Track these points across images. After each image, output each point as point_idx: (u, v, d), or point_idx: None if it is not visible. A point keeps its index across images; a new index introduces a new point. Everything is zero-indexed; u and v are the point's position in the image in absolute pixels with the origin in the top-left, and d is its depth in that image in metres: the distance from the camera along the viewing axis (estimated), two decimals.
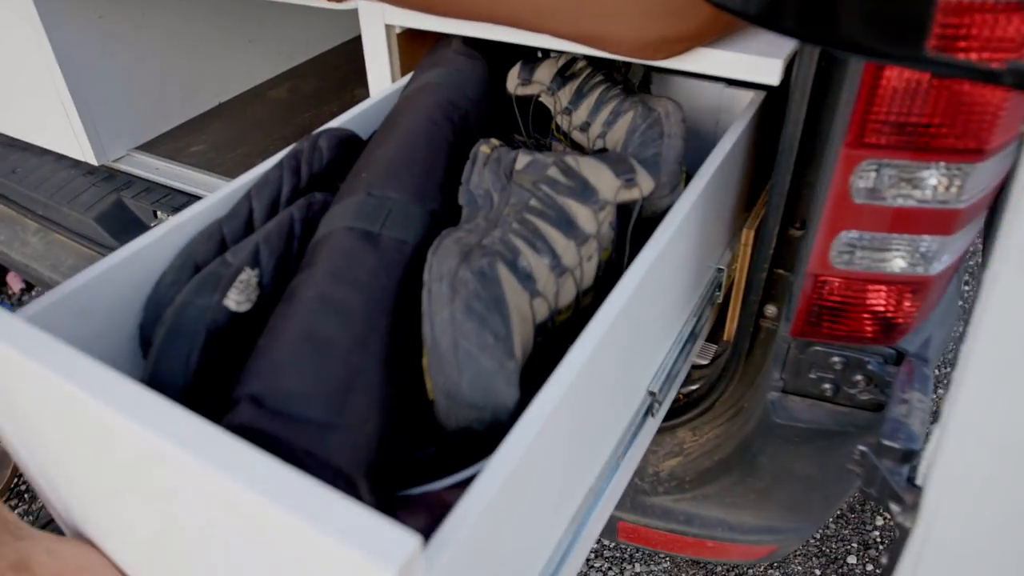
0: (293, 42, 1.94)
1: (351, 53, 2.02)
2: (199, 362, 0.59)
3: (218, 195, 0.72)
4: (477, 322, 0.52)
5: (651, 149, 0.74)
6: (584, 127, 0.83)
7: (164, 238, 0.67)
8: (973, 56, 0.48)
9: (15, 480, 1.57)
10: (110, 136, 1.53)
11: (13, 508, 1.53)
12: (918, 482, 0.65)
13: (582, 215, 0.64)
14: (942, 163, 0.67)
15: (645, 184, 0.67)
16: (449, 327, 0.52)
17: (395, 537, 0.34)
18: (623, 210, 0.69)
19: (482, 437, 0.53)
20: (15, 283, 2.27)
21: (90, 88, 1.46)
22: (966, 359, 0.50)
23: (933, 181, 0.69)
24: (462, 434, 0.53)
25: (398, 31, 1.00)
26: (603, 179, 0.66)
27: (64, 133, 1.51)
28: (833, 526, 1.52)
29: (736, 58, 0.76)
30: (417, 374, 0.58)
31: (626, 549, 1.51)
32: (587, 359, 0.54)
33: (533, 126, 0.92)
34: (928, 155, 0.67)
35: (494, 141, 0.74)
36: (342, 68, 1.94)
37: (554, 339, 0.63)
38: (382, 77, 1.03)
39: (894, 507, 0.66)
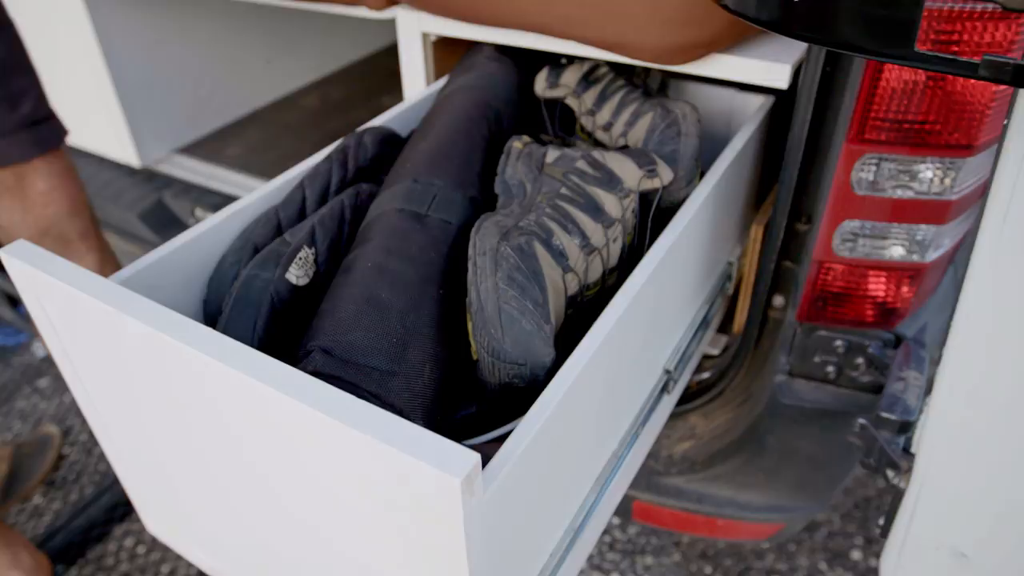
0: (323, 53, 2.03)
1: (378, 64, 2.11)
2: (265, 328, 0.66)
3: (273, 184, 0.79)
4: (518, 290, 0.59)
5: (669, 146, 0.81)
6: (607, 127, 0.90)
7: (224, 223, 0.74)
8: (954, 51, 0.54)
9: (54, 471, 1.64)
10: (152, 139, 1.62)
11: (51, 499, 1.60)
12: (912, 450, 0.71)
13: (608, 202, 0.71)
14: (936, 158, 0.74)
15: (665, 175, 0.74)
16: (493, 294, 0.59)
17: (460, 455, 0.41)
18: (644, 199, 0.76)
19: (521, 393, 0.60)
20: None
21: (135, 94, 1.55)
22: (951, 335, 0.57)
23: (929, 174, 0.76)
24: (504, 389, 0.60)
25: (433, 39, 1.07)
26: (627, 170, 0.73)
27: (110, 136, 1.60)
28: (839, 522, 1.57)
29: (748, 63, 0.83)
30: (461, 339, 0.65)
31: (637, 543, 1.56)
32: (612, 326, 0.60)
33: (559, 126, 0.99)
34: (924, 150, 0.74)
35: (525, 138, 0.81)
36: (369, 78, 2.03)
37: (583, 313, 0.69)
38: (417, 81, 1.10)
39: (891, 473, 0.72)
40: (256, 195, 0.77)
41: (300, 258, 0.69)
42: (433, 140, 0.80)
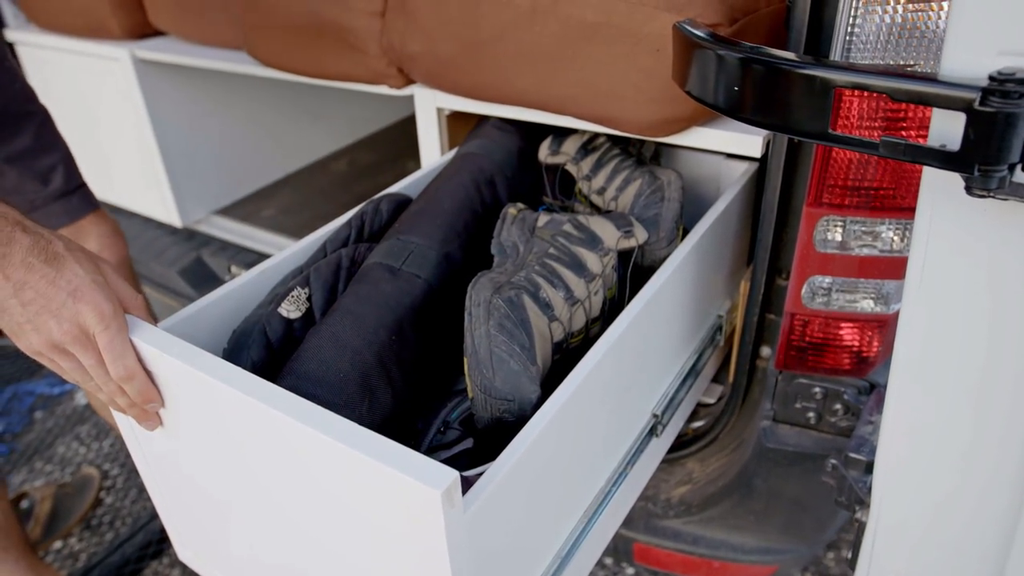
0: (352, 121, 2.18)
1: (403, 131, 2.24)
2: (259, 355, 0.75)
3: (298, 245, 0.89)
4: (507, 335, 0.68)
5: (653, 210, 0.90)
6: (601, 191, 1.00)
7: (253, 280, 0.84)
8: (902, 127, 0.62)
9: (92, 512, 1.73)
10: (193, 201, 1.75)
11: (86, 540, 1.69)
12: None
13: (590, 259, 0.80)
14: (894, 219, 0.81)
15: (640, 235, 0.84)
16: (485, 339, 0.68)
17: (440, 471, 0.49)
18: (624, 257, 0.84)
19: (512, 428, 0.67)
20: None
21: (179, 161, 1.69)
22: (891, 377, 0.64)
23: (889, 234, 0.83)
24: (496, 424, 0.68)
25: (447, 113, 1.18)
26: (607, 231, 0.82)
27: (155, 199, 1.74)
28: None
29: (725, 135, 0.92)
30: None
31: None
32: (591, 369, 0.68)
33: (559, 189, 1.09)
34: (883, 213, 0.82)
35: (520, 205, 0.91)
36: (395, 144, 2.16)
37: (569, 359, 0.77)
38: (433, 150, 1.21)
39: (858, 509, 0.77)
40: (283, 255, 0.87)
41: (293, 296, 0.79)
42: (423, 203, 0.91)
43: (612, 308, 0.83)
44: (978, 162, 0.47)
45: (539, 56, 0.93)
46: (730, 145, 0.92)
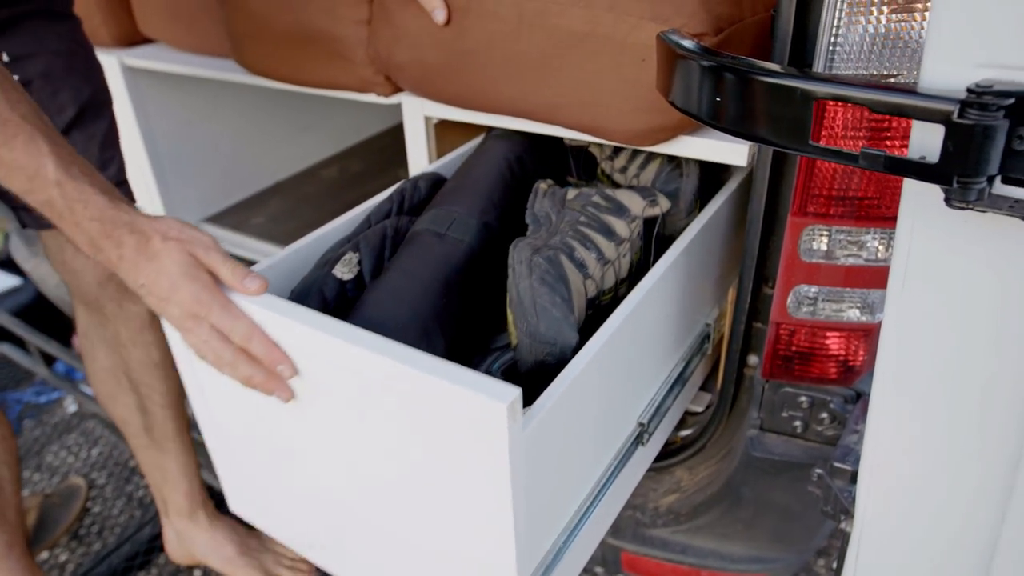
0: (342, 129, 2.17)
1: (392, 138, 2.24)
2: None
3: (346, 217, 0.97)
4: (548, 288, 0.79)
5: (673, 184, 0.99)
6: (623, 169, 1.08)
7: (309, 245, 0.91)
8: (886, 137, 0.63)
9: (79, 522, 1.72)
10: (182, 209, 1.74)
11: (72, 551, 1.67)
12: None
13: (618, 226, 0.90)
14: (878, 229, 0.81)
15: (664, 204, 0.94)
16: (529, 291, 0.79)
17: (506, 389, 0.57)
18: (648, 225, 0.93)
19: (552, 371, 0.74)
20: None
21: (168, 168, 1.68)
22: (873, 387, 0.64)
23: (875, 243, 0.83)
24: (539, 367, 0.78)
25: (435, 121, 1.18)
26: (633, 201, 0.92)
27: (144, 206, 1.73)
28: None
29: (711, 144, 0.92)
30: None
31: None
32: (623, 319, 0.76)
33: (582, 170, 1.18)
34: (867, 222, 0.82)
35: (549, 180, 0.99)
36: (385, 151, 2.16)
37: (601, 315, 0.81)
38: (421, 158, 1.21)
39: (843, 519, 0.77)
40: (332, 225, 0.95)
41: (345, 259, 0.88)
42: (460, 179, 1.01)
43: (638, 270, 0.92)
44: (957, 174, 0.47)
45: (526, 66, 0.93)
46: (716, 154, 0.92)
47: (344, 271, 0.86)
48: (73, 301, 1.18)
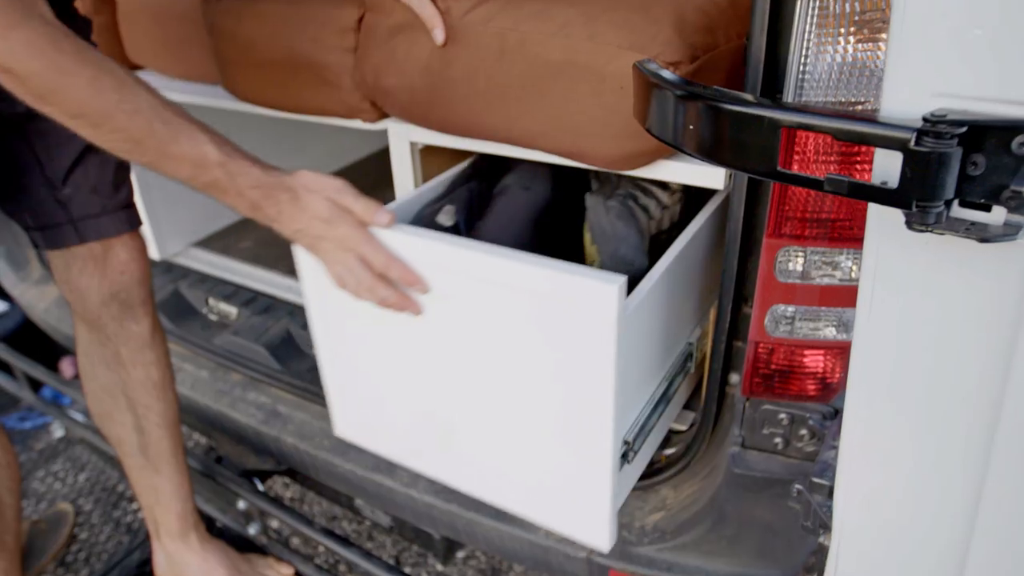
0: (329, 153, 2.19)
1: (378, 163, 2.26)
2: None
3: (432, 183, 1.12)
4: (623, 221, 1.05)
5: None
6: None
7: (407, 202, 1.07)
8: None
9: (66, 549, 1.71)
10: (170, 234, 1.76)
11: None
12: None
13: (662, 194, 1.13)
14: (852, 249, 0.84)
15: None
16: (610, 225, 1.05)
17: (613, 277, 0.75)
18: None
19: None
20: (68, 369, 2.46)
21: (156, 193, 1.69)
22: (846, 403, 0.65)
23: (849, 263, 0.86)
24: None
25: (420, 147, 1.20)
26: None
27: None
28: None
29: (689, 168, 0.95)
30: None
31: None
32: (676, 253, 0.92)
33: None
34: (841, 243, 0.84)
35: None
36: (371, 175, 2.18)
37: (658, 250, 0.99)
38: (407, 182, 1.23)
39: (822, 533, 0.79)
40: (426, 187, 1.12)
41: (446, 210, 1.06)
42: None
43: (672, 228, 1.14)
44: (916, 199, 0.49)
45: (508, 94, 0.95)
46: (694, 178, 0.95)
47: (445, 219, 1.05)
48: (74, 320, 1.19)
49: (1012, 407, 0.53)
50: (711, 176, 0.93)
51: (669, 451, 1.16)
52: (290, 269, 1.69)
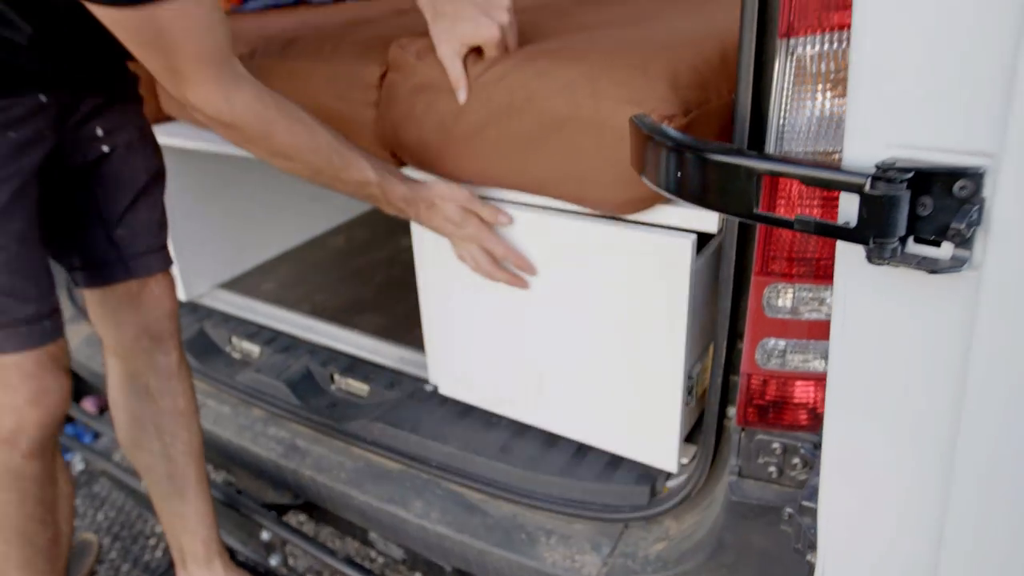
0: (348, 199, 2.29)
1: None
2: None
3: None
4: None
5: None
6: None
7: None
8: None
9: (94, 571, 1.75)
10: (197, 276, 1.84)
11: None
12: None
13: None
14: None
15: None
16: None
17: (684, 234, 1.00)
18: None
19: None
20: (90, 406, 2.53)
21: (184, 237, 1.79)
22: (824, 429, 0.71)
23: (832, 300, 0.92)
24: None
25: None
26: None
27: None
28: None
29: (683, 212, 1.02)
30: None
31: None
32: None
33: None
34: (825, 280, 0.90)
35: None
36: (389, 221, 2.26)
37: None
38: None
39: (810, 553, 0.84)
40: None
41: None
42: None
43: None
44: (872, 236, 0.56)
45: (517, 145, 1.04)
46: (689, 221, 1.02)
47: None
48: (106, 355, 1.26)
49: (968, 422, 0.59)
50: (706, 220, 1.01)
51: (672, 483, 1.21)
52: (310, 310, 1.77)
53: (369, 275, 1.93)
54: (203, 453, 1.29)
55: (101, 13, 0.81)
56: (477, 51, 1.08)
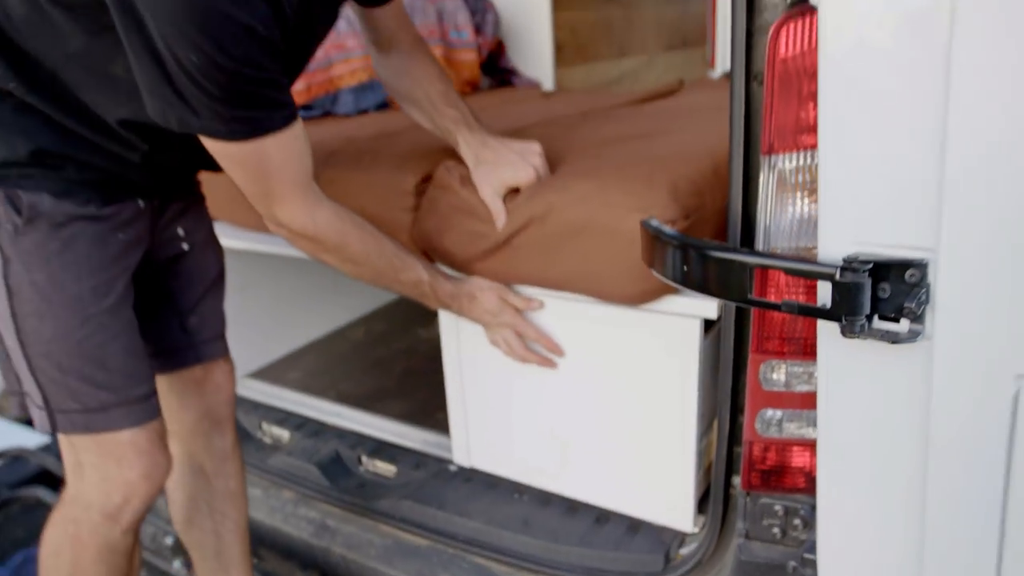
0: (367, 293, 2.43)
1: (413, 301, 2.50)
2: None
3: None
4: None
5: None
6: None
7: None
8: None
9: None
10: None
11: None
12: None
13: None
14: None
15: None
16: None
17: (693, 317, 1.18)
18: None
19: None
20: None
21: None
22: (818, 488, 0.83)
23: None
24: None
25: None
26: None
27: None
28: None
29: (687, 301, 1.16)
30: None
31: None
32: None
33: None
34: (814, 357, 1.04)
35: None
36: (407, 313, 2.41)
37: None
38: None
39: None
40: None
41: None
42: None
43: None
44: (844, 315, 0.70)
45: (539, 250, 1.20)
46: (692, 309, 1.16)
47: None
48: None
49: (934, 470, 0.72)
50: (705, 307, 1.15)
51: (684, 549, 1.30)
52: (336, 397, 1.88)
53: (389, 365, 2.05)
54: (248, 531, 1.38)
55: (213, 145, 0.95)
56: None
